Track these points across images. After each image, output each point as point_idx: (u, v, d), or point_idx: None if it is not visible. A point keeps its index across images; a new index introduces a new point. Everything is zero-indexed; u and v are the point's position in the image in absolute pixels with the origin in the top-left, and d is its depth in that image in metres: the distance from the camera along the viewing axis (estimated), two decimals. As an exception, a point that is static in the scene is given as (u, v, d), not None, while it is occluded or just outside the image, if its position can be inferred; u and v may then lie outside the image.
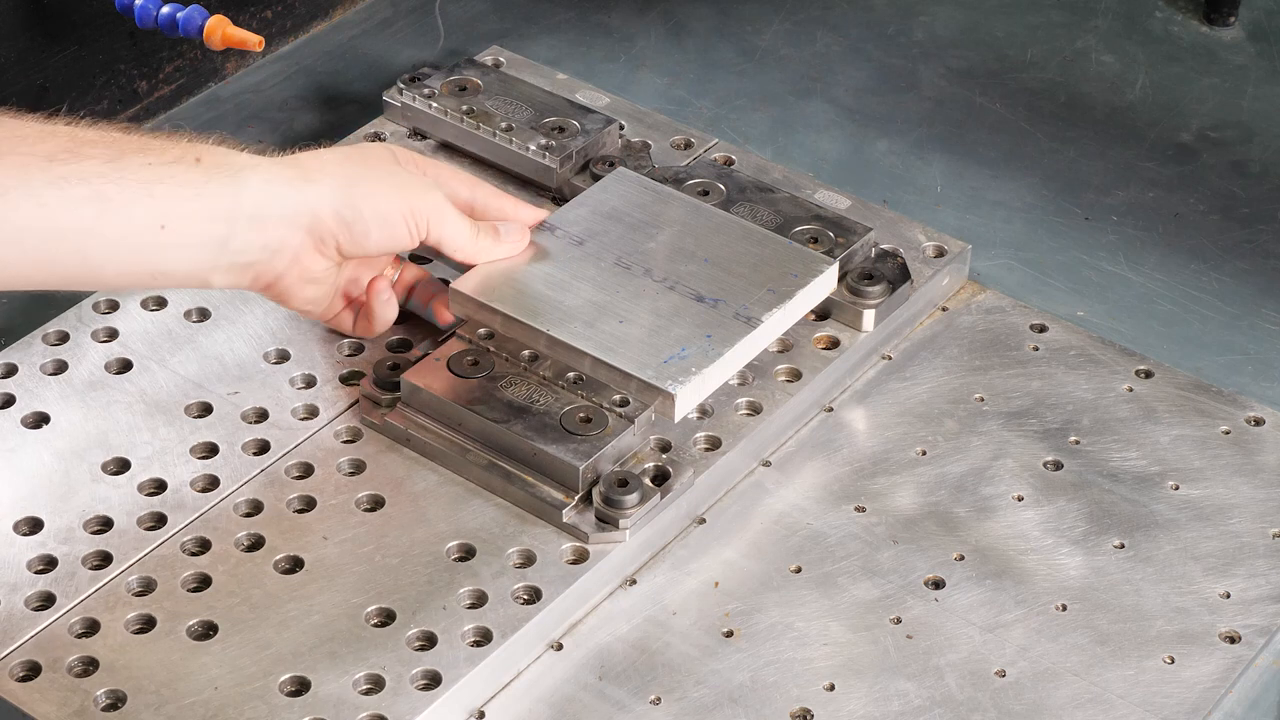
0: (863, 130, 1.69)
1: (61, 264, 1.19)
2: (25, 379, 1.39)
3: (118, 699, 1.19)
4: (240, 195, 1.23)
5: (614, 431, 1.31)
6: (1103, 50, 1.78)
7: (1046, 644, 1.26)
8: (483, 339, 1.37)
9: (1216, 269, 1.56)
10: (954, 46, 1.78)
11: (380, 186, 1.29)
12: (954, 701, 1.22)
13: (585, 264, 1.39)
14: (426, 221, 1.31)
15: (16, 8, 1.54)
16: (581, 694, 1.23)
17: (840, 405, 1.42)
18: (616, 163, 1.52)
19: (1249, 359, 1.48)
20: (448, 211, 1.32)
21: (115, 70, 1.62)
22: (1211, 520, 1.34)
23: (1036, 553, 1.31)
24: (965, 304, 1.50)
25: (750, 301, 1.36)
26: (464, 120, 1.55)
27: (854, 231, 1.46)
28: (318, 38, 1.77)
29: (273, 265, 1.27)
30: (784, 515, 1.34)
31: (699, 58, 1.76)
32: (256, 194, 1.24)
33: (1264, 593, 1.29)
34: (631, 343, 1.33)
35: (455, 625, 1.23)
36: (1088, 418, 1.41)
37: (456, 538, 1.29)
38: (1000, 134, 1.69)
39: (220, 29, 1.51)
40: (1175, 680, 1.24)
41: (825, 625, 1.26)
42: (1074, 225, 1.60)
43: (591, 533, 1.28)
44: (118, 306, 1.44)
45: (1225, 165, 1.66)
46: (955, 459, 1.38)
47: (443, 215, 1.32)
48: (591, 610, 1.28)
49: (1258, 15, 1.81)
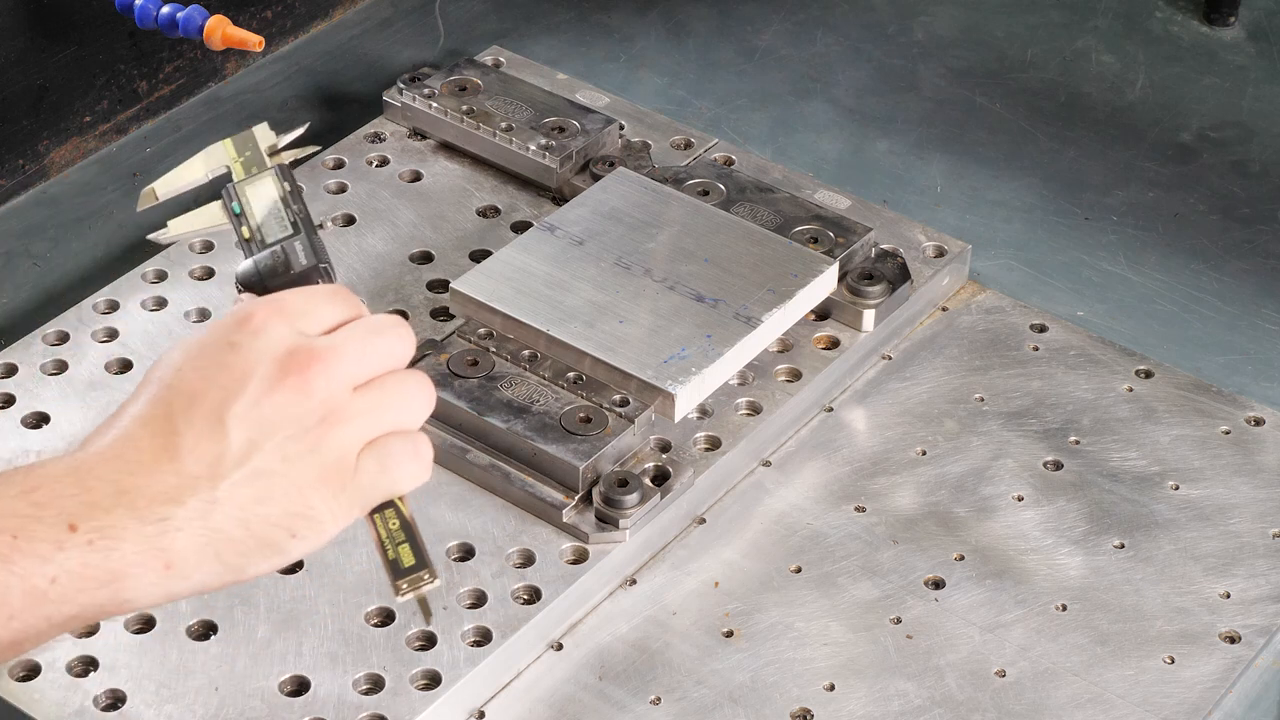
0: (863, 130, 1.68)
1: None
2: (25, 379, 1.39)
3: (117, 699, 1.19)
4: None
5: (614, 431, 1.31)
6: (1103, 50, 1.78)
7: (1046, 644, 1.26)
8: (483, 339, 1.37)
9: (1216, 269, 1.56)
10: (954, 46, 1.78)
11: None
12: (954, 701, 1.22)
13: (585, 264, 1.39)
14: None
15: (16, 8, 1.54)
16: (581, 694, 1.23)
17: (840, 405, 1.42)
18: (616, 163, 1.52)
19: (1249, 359, 1.48)
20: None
21: (115, 70, 1.62)
22: (1211, 520, 1.34)
23: (1036, 553, 1.31)
24: (965, 304, 1.50)
25: (750, 301, 1.36)
26: (464, 120, 1.55)
27: (854, 231, 1.46)
28: (318, 38, 1.77)
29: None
30: (784, 515, 1.34)
31: (699, 58, 1.76)
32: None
33: (1264, 593, 1.29)
34: (631, 343, 1.33)
35: (455, 625, 1.23)
36: (1088, 418, 1.41)
37: (456, 538, 1.29)
38: (1000, 134, 1.69)
39: (220, 29, 1.51)
40: (1175, 680, 1.24)
41: (825, 625, 1.26)
42: (1074, 225, 1.60)
43: (591, 533, 1.28)
44: (118, 306, 1.44)
45: (1225, 165, 1.66)
46: (955, 459, 1.38)
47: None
48: (591, 610, 1.28)
49: (1258, 15, 1.81)
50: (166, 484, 0.96)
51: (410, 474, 1.00)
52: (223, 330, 1.00)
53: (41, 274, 1.53)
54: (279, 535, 0.98)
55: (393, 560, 1.00)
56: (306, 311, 1.00)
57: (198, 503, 0.96)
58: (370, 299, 1.46)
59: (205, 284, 1.46)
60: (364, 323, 1.02)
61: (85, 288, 1.47)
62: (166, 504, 0.96)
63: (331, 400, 0.98)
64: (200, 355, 0.99)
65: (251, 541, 0.97)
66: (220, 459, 0.97)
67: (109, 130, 1.64)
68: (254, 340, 0.99)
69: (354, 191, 1.55)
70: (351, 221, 1.52)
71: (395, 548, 1.00)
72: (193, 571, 0.97)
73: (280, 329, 0.99)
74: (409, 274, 1.48)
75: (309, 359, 0.98)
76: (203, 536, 0.96)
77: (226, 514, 0.97)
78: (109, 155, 1.64)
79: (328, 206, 1.53)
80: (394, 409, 1.00)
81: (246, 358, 0.98)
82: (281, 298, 1.01)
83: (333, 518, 0.99)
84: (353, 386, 0.99)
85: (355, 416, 0.99)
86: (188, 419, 0.97)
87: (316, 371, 0.98)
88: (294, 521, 0.98)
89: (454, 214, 1.53)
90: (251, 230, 1.04)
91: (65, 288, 1.51)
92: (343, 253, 1.49)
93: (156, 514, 0.96)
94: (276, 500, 0.98)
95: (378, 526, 1.00)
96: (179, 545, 0.96)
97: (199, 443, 0.97)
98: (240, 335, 0.99)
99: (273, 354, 0.98)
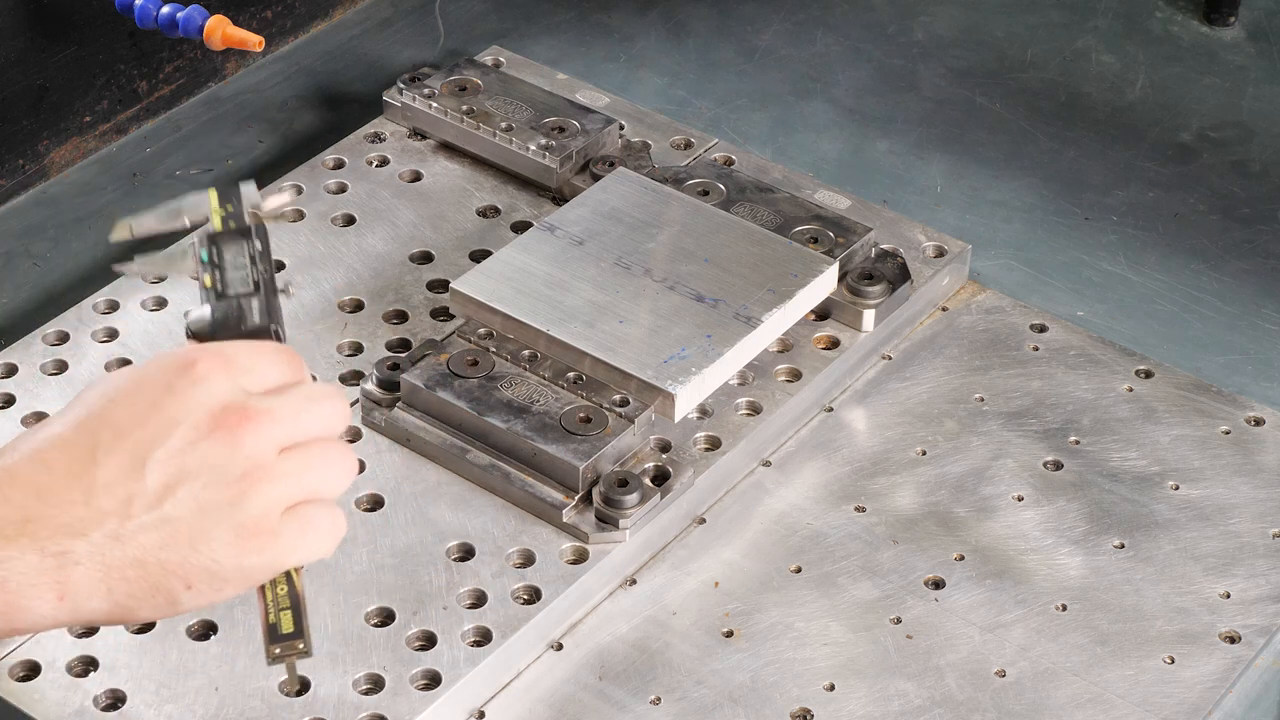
0: (863, 130, 1.68)
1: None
2: (25, 379, 1.39)
3: (117, 699, 1.19)
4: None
5: (614, 431, 1.31)
6: (1103, 50, 1.78)
7: (1046, 644, 1.26)
8: (483, 339, 1.37)
9: (1216, 269, 1.56)
10: (954, 46, 1.78)
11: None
12: (954, 701, 1.22)
13: (585, 264, 1.39)
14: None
15: (16, 8, 1.54)
16: (581, 694, 1.23)
17: (840, 405, 1.42)
18: (616, 163, 1.52)
19: (1249, 359, 1.48)
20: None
21: (115, 70, 1.62)
22: (1211, 520, 1.34)
23: (1036, 553, 1.31)
24: (965, 304, 1.50)
25: (750, 301, 1.36)
26: (464, 120, 1.55)
27: (854, 231, 1.46)
28: (318, 38, 1.77)
29: None
30: (784, 515, 1.34)
31: (699, 58, 1.76)
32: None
33: (1264, 593, 1.29)
34: (631, 343, 1.33)
35: (455, 625, 1.23)
36: (1088, 418, 1.41)
37: (456, 538, 1.29)
38: (1000, 134, 1.69)
39: (220, 29, 1.51)
40: (1175, 680, 1.24)
41: (825, 625, 1.26)
42: (1074, 225, 1.60)
43: (591, 533, 1.28)
44: (118, 306, 1.44)
45: (1225, 165, 1.66)
46: (955, 459, 1.38)
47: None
48: (591, 610, 1.28)
49: (1258, 15, 1.81)
50: (73, 515, 0.96)
51: (326, 545, 1.00)
52: (163, 372, 0.99)
53: (41, 274, 1.53)
54: (174, 584, 0.97)
55: (272, 624, 1.01)
56: (250, 368, 1.00)
57: (101, 537, 0.95)
58: (370, 299, 1.46)
59: (205, 284, 1.46)
60: (303, 389, 1.01)
61: (85, 288, 1.47)
62: (70, 536, 0.95)
63: (257, 457, 0.98)
64: (136, 392, 0.98)
65: (145, 585, 0.97)
66: (132, 499, 0.96)
67: (109, 130, 1.64)
68: (192, 388, 0.98)
69: (354, 191, 1.55)
70: (351, 221, 1.52)
71: (278, 612, 1.01)
72: (83, 604, 0.96)
73: (220, 383, 0.99)
74: (409, 274, 1.48)
75: (242, 417, 0.98)
76: (99, 571, 0.96)
77: (126, 554, 0.96)
78: (109, 155, 1.64)
79: (327, 206, 1.53)
80: (318, 475, 1.00)
81: (181, 404, 0.98)
82: (228, 349, 1.01)
83: (239, 575, 0.98)
84: (280, 449, 0.99)
85: (279, 477, 0.98)
86: (109, 452, 0.97)
87: (247, 430, 0.98)
88: (193, 573, 0.97)
89: (454, 214, 1.53)
90: (214, 280, 1.06)
91: (65, 288, 1.51)
92: (343, 253, 1.49)
93: (58, 545, 0.95)
94: (179, 548, 0.96)
95: (266, 589, 1.01)
96: (75, 578, 0.95)
97: (115, 479, 0.96)
98: (180, 381, 0.98)
99: (208, 406, 0.98)
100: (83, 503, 0.96)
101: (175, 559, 0.96)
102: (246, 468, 0.97)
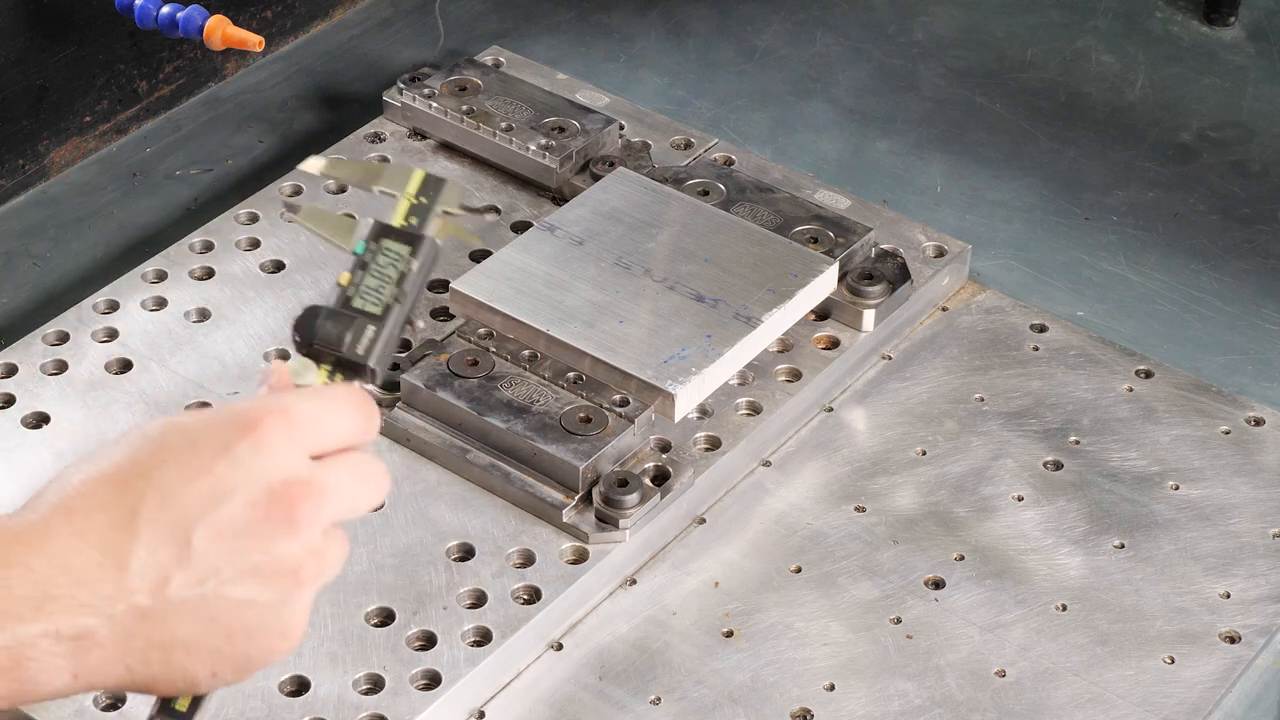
0: (863, 130, 1.68)
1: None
2: (25, 379, 1.39)
3: (118, 699, 1.19)
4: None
5: (614, 431, 1.31)
6: (1103, 50, 1.78)
7: (1046, 644, 1.26)
8: (482, 339, 1.37)
9: (1216, 269, 1.56)
10: (954, 46, 1.78)
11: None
12: (954, 701, 1.22)
13: (585, 264, 1.39)
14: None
15: (16, 8, 1.54)
16: (581, 694, 1.23)
17: (840, 405, 1.42)
18: (616, 163, 1.52)
19: (1249, 359, 1.48)
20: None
21: (115, 70, 1.62)
22: (1211, 520, 1.34)
23: (1036, 553, 1.31)
24: (965, 304, 1.50)
25: (750, 301, 1.36)
26: (464, 120, 1.55)
27: (854, 231, 1.46)
28: (318, 38, 1.77)
29: None
30: (784, 515, 1.34)
31: (699, 58, 1.76)
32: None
33: (1264, 593, 1.29)
34: (631, 343, 1.33)
35: (455, 625, 1.23)
36: (1088, 418, 1.41)
37: (456, 538, 1.29)
38: (1000, 134, 1.69)
39: (220, 29, 1.51)
40: (1175, 680, 1.24)
41: (825, 625, 1.26)
42: (1074, 225, 1.60)
43: (591, 533, 1.28)
44: (118, 306, 1.44)
45: (1225, 165, 1.66)
46: (955, 459, 1.38)
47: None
48: (591, 610, 1.28)
49: (1258, 15, 1.81)
50: (100, 593, 0.88)
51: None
52: (221, 430, 0.90)
53: (41, 274, 1.53)
54: (198, 671, 0.90)
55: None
56: (315, 423, 0.92)
57: (126, 612, 0.88)
58: (370, 299, 1.45)
59: (205, 284, 1.46)
60: (353, 461, 0.93)
61: (85, 288, 1.47)
62: (92, 615, 0.88)
63: (310, 543, 0.91)
64: (189, 451, 0.90)
65: (166, 668, 0.90)
66: (169, 580, 0.88)
67: (109, 130, 1.64)
68: (252, 456, 0.90)
69: (354, 191, 1.54)
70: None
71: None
72: (99, 683, 0.89)
73: (281, 452, 0.90)
74: (409, 274, 1.48)
75: (301, 495, 0.90)
76: (119, 653, 0.88)
77: (152, 635, 0.89)
78: (109, 155, 1.64)
79: (327, 207, 1.53)
80: (345, 552, 0.94)
81: (238, 474, 0.89)
82: (293, 406, 0.92)
83: (266, 664, 0.92)
84: (327, 527, 0.92)
85: (325, 568, 0.92)
86: (150, 522, 0.88)
87: (304, 512, 0.90)
88: (222, 663, 0.91)
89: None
90: (351, 279, 0.95)
91: (65, 288, 1.51)
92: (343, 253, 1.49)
93: (78, 625, 0.87)
94: (214, 639, 0.90)
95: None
96: (93, 660, 0.88)
97: (154, 557, 0.88)
98: (240, 444, 0.90)
99: (265, 481, 0.90)
100: (113, 580, 0.88)
101: (206, 648, 0.90)
102: (299, 558, 0.90)
